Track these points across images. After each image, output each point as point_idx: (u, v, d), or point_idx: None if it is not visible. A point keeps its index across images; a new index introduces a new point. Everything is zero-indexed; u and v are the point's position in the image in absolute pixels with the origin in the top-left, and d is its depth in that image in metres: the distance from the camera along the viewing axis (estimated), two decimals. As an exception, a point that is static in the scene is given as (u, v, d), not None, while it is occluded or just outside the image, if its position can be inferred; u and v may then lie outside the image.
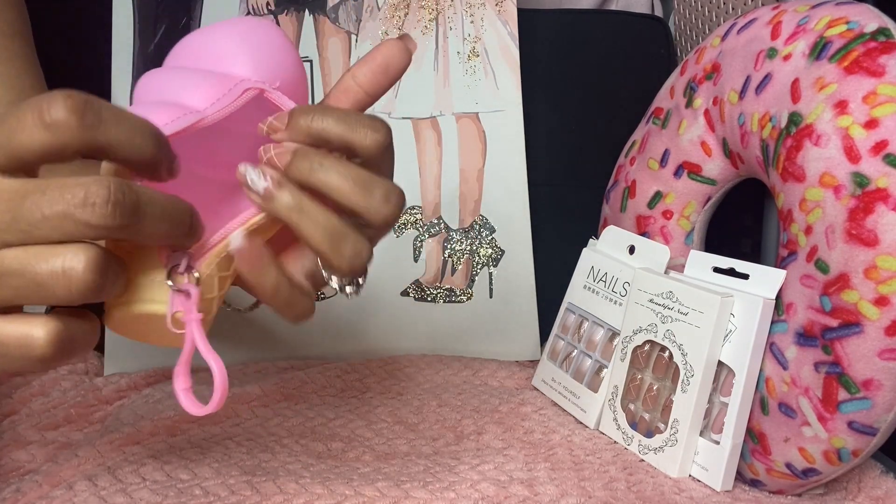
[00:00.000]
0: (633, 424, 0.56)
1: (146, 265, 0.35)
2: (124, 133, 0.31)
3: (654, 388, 0.55)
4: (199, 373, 0.67)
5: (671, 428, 0.53)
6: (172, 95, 0.36)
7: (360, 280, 0.40)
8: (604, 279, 0.63)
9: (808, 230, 0.48)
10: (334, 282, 0.40)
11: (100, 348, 0.71)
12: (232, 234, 0.36)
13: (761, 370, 0.51)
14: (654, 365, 0.56)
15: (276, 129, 0.36)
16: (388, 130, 0.38)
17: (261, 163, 0.36)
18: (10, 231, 0.30)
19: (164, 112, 0.34)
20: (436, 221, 0.75)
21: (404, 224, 0.75)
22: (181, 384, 0.36)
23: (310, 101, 0.41)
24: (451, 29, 0.77)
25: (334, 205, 0.36)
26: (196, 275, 0.35)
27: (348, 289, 0.40)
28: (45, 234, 0.30)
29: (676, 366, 0.53)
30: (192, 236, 0.34)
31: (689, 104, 0.61)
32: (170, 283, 0.35)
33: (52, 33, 0.75)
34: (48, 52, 0.63)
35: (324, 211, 0.36)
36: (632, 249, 0.62)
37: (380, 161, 0.38)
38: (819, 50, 0.50)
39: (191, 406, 0.35)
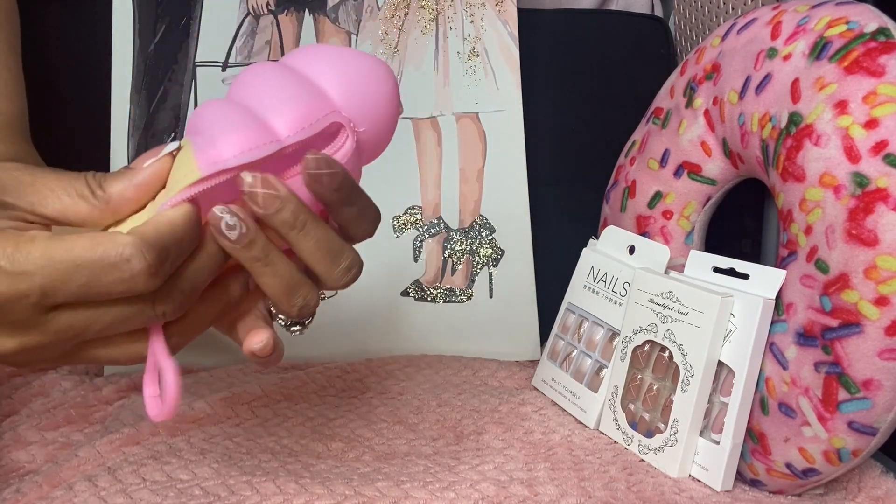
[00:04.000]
0: (633, 424, 0.56)
1: None
2: (183, 249, 0.34)
3: (654, 388, 0.55)
4: (200, 372, 0.67)
5: (671, 428, 0.53)
6: (263, 106, 0.36)
7: (307, 321, 0.42)
8: (604, 279, 0.63)
9: (808, 230, 0.48)
10: (280, 320, 0.41)
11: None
12: (214, 207, 0.36)
13: (761, 370, 0.51)
14: (654, 365, 0.56)
15: (307, 165, 0.35)
16: (358, 275, 0.39)
17: (244, 187, 0.35)
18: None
19: (244, 133, 0.34)
20: (436, 221, 0.75)
21: (404, 224, 0.75)
22: (149, 392, 0.36)
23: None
24: (451, 29, 0.77)
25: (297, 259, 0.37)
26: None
27: (293, 329, 0.42)
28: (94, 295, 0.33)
29: (676, 366, 0.53)
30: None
31: (689, 104, 0.61)
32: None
33: (53, 34, 0.75)
34: (48, 53, 0.63)
35: (287, 264, 0.37)
36: (632, 249, 0.62)
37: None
38: (819, 50, 0.50)
39: (153, 410, 0.36)
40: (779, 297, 0.50)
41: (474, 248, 0.75)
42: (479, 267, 0.75)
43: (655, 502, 0.48)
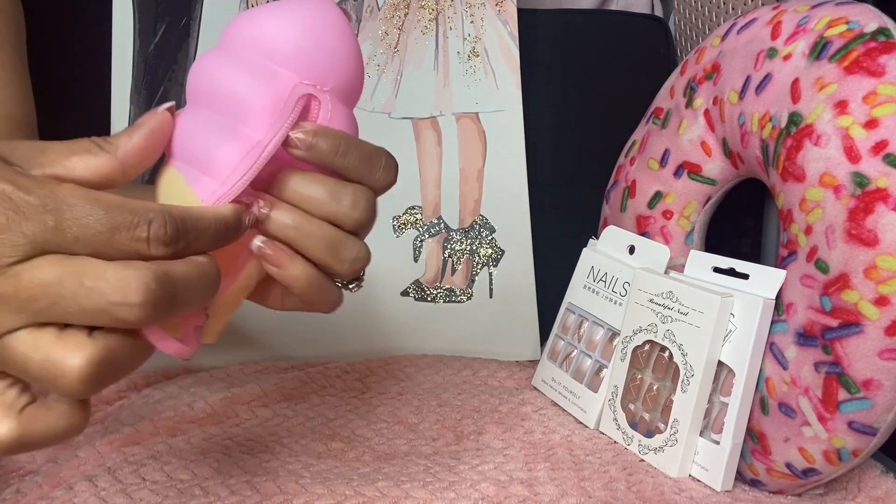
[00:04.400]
0: (633, 424, 0.56)
1: None
2: (200, 247, 0.34)
3: (654, 388, 0.55)
4: (200, 373, 0.67)
5: (671, 428, 0.53)
6: (229, 111, 0.35)
7: (362, 275, 0.43)
8: (604, 279, 0.63)
9: (808, 230, 0.48)
10: (337, 281, 0.41)
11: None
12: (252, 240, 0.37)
13: (761, 370, 0.51)
14: (654, 365, 0.56)
15: (294, 144, 0.36)
16: (397, 170, 0.40)
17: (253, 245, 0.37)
18: (45, 315, 0.31)
19: (232, 146, 0.35)
20: (436, 221, 0.75)
21: (404, 224, 0.75)
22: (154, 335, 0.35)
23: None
24: (451, 29, 0.77)
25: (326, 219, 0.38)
26: (203, 315, 0.37)
27: (351, 286, 0.43)
28: (80, 321, 0.31)
29: (676, 366, 0.53)
30: (211, 298, 0.35)
31: (689, 104, 0.61)
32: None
33: (53, 34, 0.76)
34: (48, 53, 0.63)
35: (319, 224, 0.38)
36: (632, 249, 0.62)
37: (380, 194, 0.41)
38: (819, 50, 0.50)
39: (171, 348, 0.34)
40: (779, 297, 0.50)
41: (474, 248, 0.75)
42: (479, 267, 0.75)
43: (655, 502, 0.48)
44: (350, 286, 0.43)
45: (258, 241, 0.37)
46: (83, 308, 0.30)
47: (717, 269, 0.55)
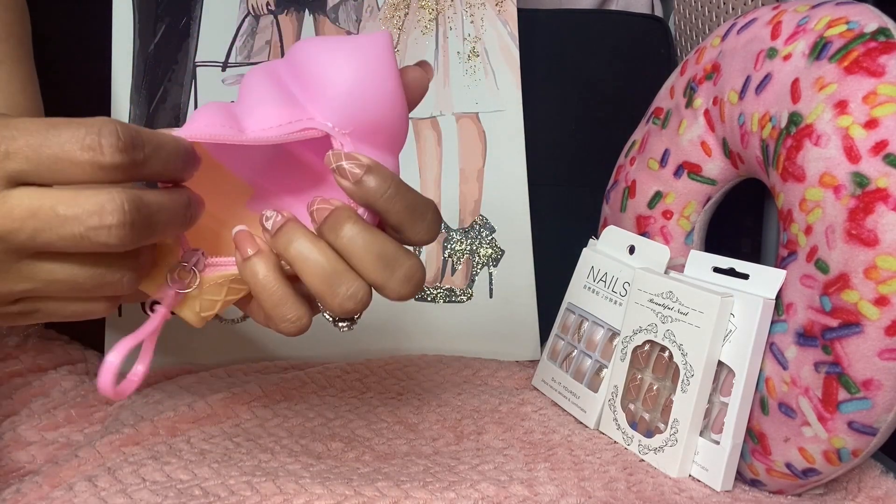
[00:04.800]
0: (633, 424, 0.56)
1: (167, 254, 0.38)
2: (162, 163, 0.33)
3: (654, 388, 0.55)
4: (200, 373, 0.67)
5: (671, 428, 0.53)
6: (245, 106, 0.37)
7: (356, 317, 0.41)
8: (604, 279, 0.63)
9: (808, 230, 0.48)
10: (328, 315, 0.41)
11: (100, 348, 0.71)
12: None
13: (761, 370, 0.51)
14: (654, 365, 0.56)
15: (345, 175, 0.36)
16: (440, 226, 0.39)
17: (328, 161, 0.37)
18: (28, 248, 0.31)
19: (210, 118, 0.35)
20: (436, 221, 0.75)
21: (404, 224, 0.75)
22: (114, 357, 0.36)
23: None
24: (451, 29, 0.77)
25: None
26: (197, 278, 0.38)
27: (341, 324, 0.41)
28: (63, 249, 0.32)
29: (676, 366, 0.53)
30: (189, 226, 0.36)
31: (689, 104, 0.61)
32: (170, 275, 0.37)
33: (53, 33, 0.75)
34: (48, 52, 0.63)
35: (323, 250, 0.36)
36: (632, 249, 0.62)
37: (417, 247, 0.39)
38: (819, 50, 0.50)
39: (105, 383, 0.35)
40: (779, 297, 0.50)
41: (474, 248, 0.75)
42: (479, 267, 0.75)
43: (655, 502, 0.48)
44: (340, 324, 0.41)
45: (239, 227, 0.37)
46: (62, 236, 0.31)
47: (717, 269, 0.55)
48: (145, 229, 0.32)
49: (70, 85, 0.79)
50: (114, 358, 0.35)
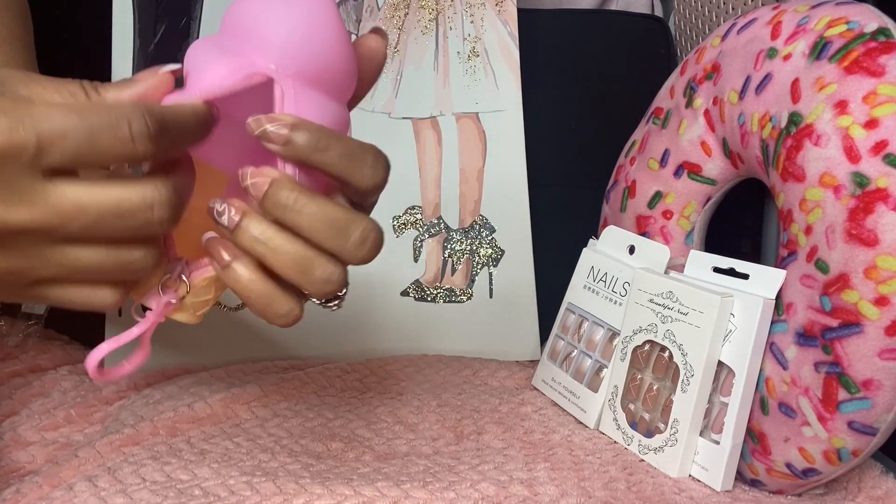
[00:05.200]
0: (633, 424, 0.56)
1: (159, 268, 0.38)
2: (184, 140, 0.34)
3: (654, 388, 0.55)
4: (200, 373, 0.67)
5: (671, 428, 0.53)
6: (193, 76, 0.36)
7: (341, 294, 0.40)
8: (604, 279, 0.63)
9: (808, 230, 0.48)
10: (314, 299, 0.40)
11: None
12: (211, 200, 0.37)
13: (761, 370, 0.51)
14: (654, 365, 0.56)
15: (270, 138, 0.35)
16: (388, 167, 0.37)
17: (251, 128, 0.35)
18: (67, 237, 0.33)
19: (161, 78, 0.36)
20: (436, 221, 0.75)
21: (404, 224, 0.75)
22: (105, 346, 0.37)
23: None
24: (451, 29, 0.77)
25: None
26: (187, 286, 0.38)
27: (329, 304, 0.41)
28: (106, 236, 0.33)
29: (676, 366, 0.53)
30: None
31: (689, 104, 0.61)
32: (160, 287, 0.38)
33: (52, 33, 0.75)
34: (48, 52, 0.63)
35: (289, 238, 0.36)
36: (632, 249, 0.62)
37: (370, 196, 0.38)
38: (819, 50, 0.50)
39: (91, 363, 0.37)
40: (779, 297, 0.50)
41: (474, 248, 0.75)
42: (479, 267, 0.75)
43: (655, 502, 0.48)
44: (329, 304, 0.41)
45: (209, 234, 0.37)
46: (118, 227, 0.33)
47: (717, 269, 0.55)
48: (181, 210, 0.34)
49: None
50: (105, 346, 0.37)
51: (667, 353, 0.55)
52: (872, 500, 0.50)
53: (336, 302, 0.41)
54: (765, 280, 0.51)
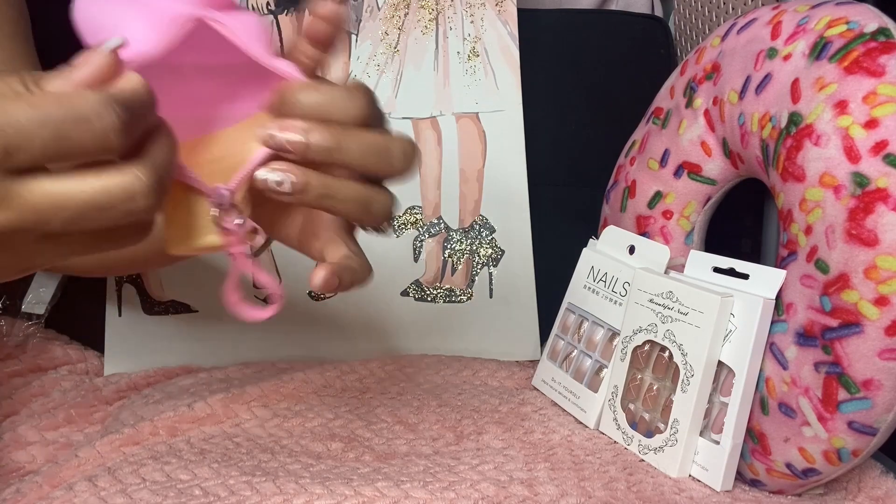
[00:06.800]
0: (633, 424, 0.56)
1: (197, 207, 0.38)
2: (148, 116, 0.33)
3: (654, 388, 0.55)
4: (200, 373, 0.67)
5: (671, 428, 0.53)
6: (107, 32, 0.34)
7: (391, 219, 0.42)
8: (604, 279, 0.63)
9: (808, 230, 0.48)
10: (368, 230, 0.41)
11: (100, 348, 0.71)
12: (257, 172, 0.36)
13: (761, 370, 0.51)
14: (654, 365, 0.56)
15: (286, 149, 0.35)
16: (416, 153, 0.38)
17: (265, 143, 0.35)
18: (65, 230, 0.32)
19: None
20: (436, 221, 0.75)
21: (404, 224, 0.75)
22: (232, 299, 0.38)
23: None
24: (451, 29, 0.77)
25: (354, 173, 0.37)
26: (238, 210, 0.37)
27: (380, 230, 0.41)
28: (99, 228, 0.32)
29: (676, 366, 0.53)
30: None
31: (689, 104, 0.61)
32: (217, 221, 0.37)
33: (52, 34, 0.75)
34: (48, 53, 0.63)
35: (347, 185, 0.36)
36: (632, 249, 0.62)
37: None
38: (819, 50, 0.50)
39: (247, 312, 0.38)
40: (779, 297, 0.50)
41: (474, 248, 0.75)
42: (479, 267, 0.75)
43: (655, 502, 0.48)
44: (381, 229, 0.41)
45: (265, 176, 0.36)
46: (100, 221, 0.31)
47: (717, 269, 0.55)
48: (164, 194, 0.33)
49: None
50: (232, 298, 0.38)
51: (667, 353, 0.55)
52: (872, 500, 0.50)
53: (387, 227, 0.42)
54: (765, 280, 0.51)
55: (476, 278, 0.75)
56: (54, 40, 0.76)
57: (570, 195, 0.80)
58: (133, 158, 0.32)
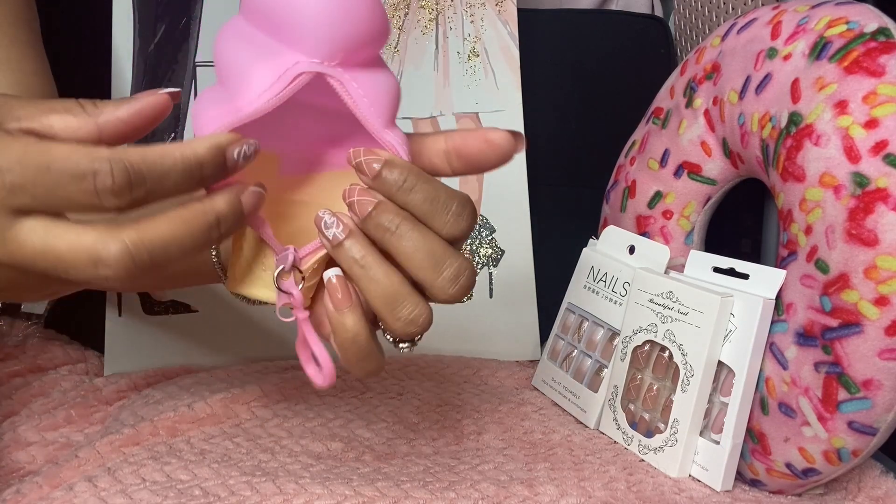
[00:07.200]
0: (633, 424, 0.56)
1: (266, 257, 0.38)
2: (171, 188, 0.32)
3: (654, 388, 0.55)
4: (200, 373, 0.67)
5: (671, 428, 0.53)
6: (232, 80, 0.35)
7: (417, 338, 0.40)
8: (604, 279, 0.63)
9: (808, 230, 0.48)
10: (388, 336, 0.40)
11: (100, 348, 0.71)
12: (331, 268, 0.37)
13: (761, 370, 0.51)
14: (654, 365, 0.56)
15: (363, 170, 0.35)
16: (473, 218, 0.37)
17: (344, 199, 0.36)
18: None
19: (217, 111, 0.35)
20: (436, 221, 0.75)
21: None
22: (301, 356, 0.39)
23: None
24: (451, 29, 0.77)
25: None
26: (301, 276, 0.37)
27: (402, 346, 0.40)
28: (77, 282, 0.33)
29: (676, 366, 0.53)
30: (227, 236, 0.35)
31: (689, 104, 0.61)
32: (276, 282, 0.37)
33: (52, 33, 0.75)
34: (48, 53, 0.63)
35: (387, 271, 0.36)
36: (632, 249, 0.62)
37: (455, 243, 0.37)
38: (819, 50, 0.50)
39: (309, 371, 0.38)
40: (779, 297, 0.50)
41: (474, 248, 0.75)
42: (479, 267, 0.75)
43: (655, 502, 0.48)
44: (401, 346, 0.40)
45: (332, 273, 0.36)
46: (73, 277, 0.31)
47: (717, 269, 0.55)
48: (151, 269, 0.32)
49: (70, 85, 0.79)
50: (311, 370, 0.38)
51: (667, 353, 0.55)
52: (872, 500, 0.50)
53: (409, 345, 0.40)
54: (765, 280, 0.51)
55: (476, 278, 0.75)
56: (54, 43, 0.76)
57: (570, 195, 0.80)
58: (135, 226, 0.32)
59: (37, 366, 0.68)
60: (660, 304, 0.56)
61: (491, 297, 0.75)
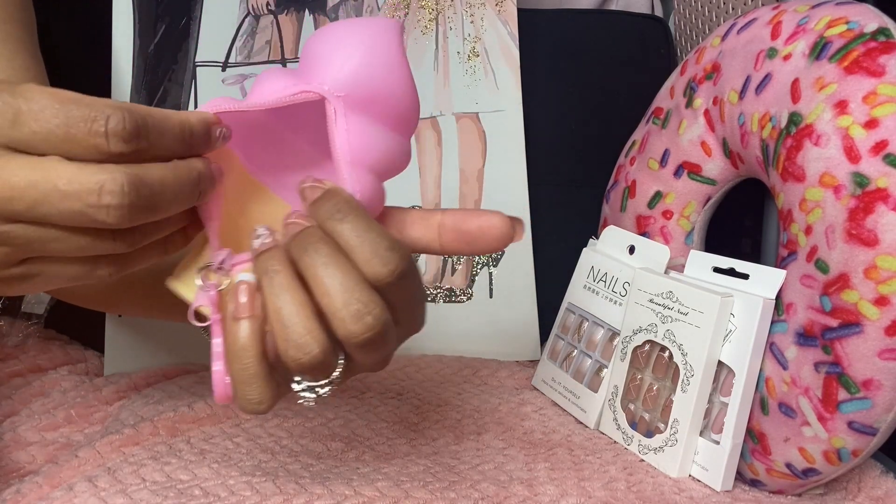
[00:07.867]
0: (633, 424, 0.56)
1: (202, 251, 0.38)
2: (168, 147, 0.33)
3: (654, 388, 0.55)
4: (200, 373, 0.67)
5: (671, 428, 0.53)
6: (254, 92, 0.37)
7: (319, 387, 0.37)
8: (604, 279, 0.63)
9: (808, 230, 0.48)
10: (296, 381, 0.37)
11: (100, 348, 0.71)
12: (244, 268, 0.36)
13: (761, 370, 0.51)
14: (654, 365, 0.56)
15: (304, 196, 0.36)
16: (402, 266, 0.34)
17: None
18: (25, 217, 0.32)
19: (229, 101, 0.37)
20: (436, 221, 0.75)
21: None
22: (219, 367, 0.37)
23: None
24: (451, 29, 0.77)
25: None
26: (227, 279, 0.36)
27: (300, 389, 0.37)
28: (60, 223, 0.32)
29: (676, 366, 0.53)
30: (200, 200, 0.35)
31: (689, 104, 0.61)
32: (199, 277, 0.37)
33: (53, 33, 0.75)
34: (48, 53, 0.63)
35: (293, 292, 0.34)
36: (632, 249, 0.62)
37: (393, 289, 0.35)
38: (819, 50, 0.50)
39: (217, 386, 0.37)
40: (779, 297, 0.50)
41: (474, 248, 0.75)
42: (479, 267, 0.75)
43: (655, 502, 0.48)
44: (300, 389, 0.37)
45: (245, 277, 0.35)
46: (61, 211, 0.31)
47: (717, 269, 0.55)
48: (145, 210, 0.32)
49: (70, 85, 0.79)
50: (219, 367, 0.36)
51: (667, 353, 0.55)
52: (872, 500, 0.50)
53: (307, 389, 0.37)
54: (765, 280, 0.51)
55: (476, 278, 0.75)
56: (55, 43, 0.76)
57: (570, 195, 0.80)
58: (120, 165, 0.32)
59: (37, 366, 0.68)
60: (660, 304, 0.56)
61: (491, 297, 0.75)
